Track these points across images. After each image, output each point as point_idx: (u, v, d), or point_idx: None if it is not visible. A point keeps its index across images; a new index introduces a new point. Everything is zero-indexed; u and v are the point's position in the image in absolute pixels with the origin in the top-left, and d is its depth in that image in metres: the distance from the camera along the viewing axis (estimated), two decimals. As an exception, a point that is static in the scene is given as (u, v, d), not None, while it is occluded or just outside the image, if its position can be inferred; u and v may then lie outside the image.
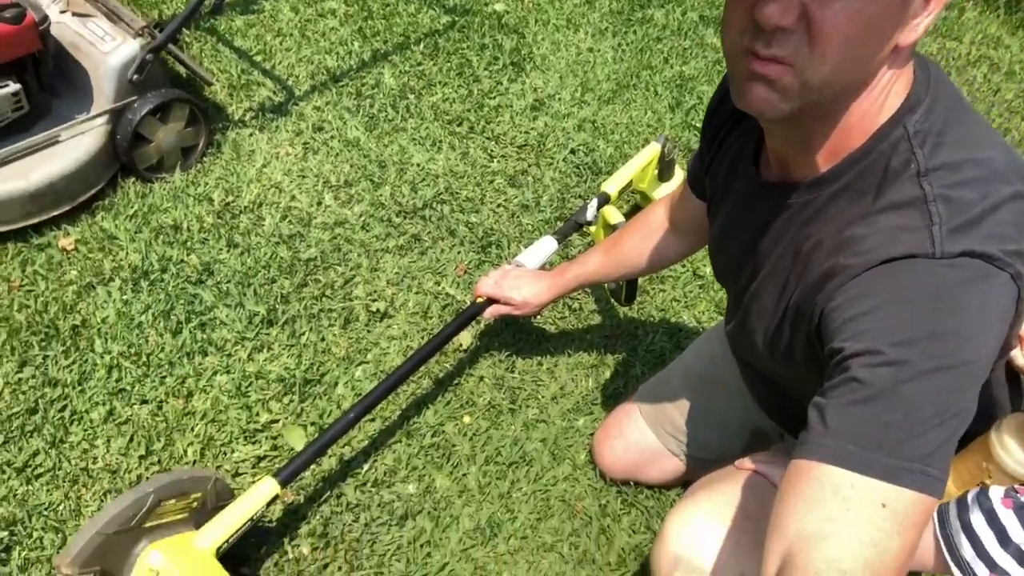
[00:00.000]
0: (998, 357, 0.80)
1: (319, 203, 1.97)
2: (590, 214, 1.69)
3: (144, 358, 1.56)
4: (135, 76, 1.81)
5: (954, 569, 0.76)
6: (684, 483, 1.42)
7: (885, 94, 0.70)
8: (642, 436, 1.37)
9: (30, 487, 1.36)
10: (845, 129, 0.72)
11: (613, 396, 1.59)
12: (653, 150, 1.84)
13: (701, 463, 1.37)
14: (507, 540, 1.36)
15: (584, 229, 1.75)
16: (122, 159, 1.87)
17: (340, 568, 1.31)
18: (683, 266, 1.91)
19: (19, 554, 1.28)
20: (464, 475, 1.44)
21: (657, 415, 1.36)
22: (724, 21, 0.70)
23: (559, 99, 2.42)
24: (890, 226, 0.68)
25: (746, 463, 1.11)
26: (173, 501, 1.10)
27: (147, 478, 1.38)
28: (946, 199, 0.67)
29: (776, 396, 1.07)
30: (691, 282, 1.87)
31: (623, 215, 1.69)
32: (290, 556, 1.32)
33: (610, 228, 1.59)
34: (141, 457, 1.41)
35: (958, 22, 3.08)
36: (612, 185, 1.76)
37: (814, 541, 0.60)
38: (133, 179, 1.92)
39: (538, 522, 1.39)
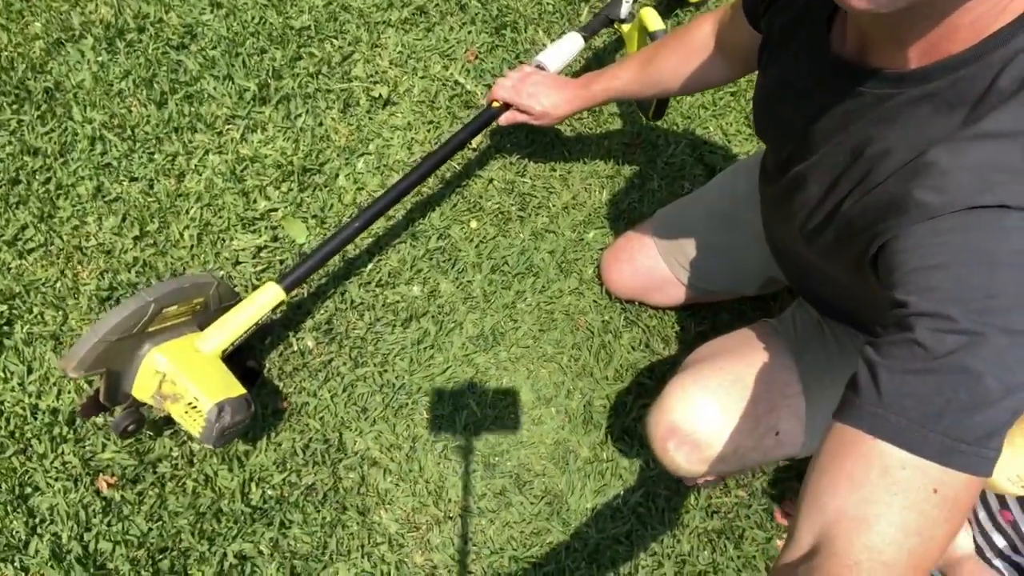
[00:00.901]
0: None
1: (313, -43, 1.74)
2: (624, 10, 1.51)
3: (129, 131, 1.46)
4: None
5: None
6: (690, 307, 1.44)
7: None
8: (653, 263, 1.36)
9: (23, 262, 1.34)
10: (951, 28, 0.60)
11: (627, 210, 1.55)
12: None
13: (710, 295, 1.38)
14: (509, 348, 1.40)
15: (615, 27, 1.57)
16: None
17: (344, 363, 1.35)
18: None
19: (22, 328, 1.29)
20: (469, 282, 1.44)
21: (670, 245, 1.34)
22: None
23: None
24: (982, 163, 0.58)
25: (753, 336, 1.10)
26: (175, 307, 1.09)
27: (146, 267, 1.36)
28: None
29: (802, 275, 1.03)
30: (722, 88, 1.75)
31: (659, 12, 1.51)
32: (295, 348, 1.35)
33: (647, 35, 1.43)
34: (136, 238, 1.38)
35: None
36: (652, -29, 1.56)
37: (856, 525, 0.56)
38: (94, -90, 1.66)
39: (540, 333, 1.42)
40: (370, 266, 1.43)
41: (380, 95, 1.59)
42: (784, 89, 0.84)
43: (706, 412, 1.01)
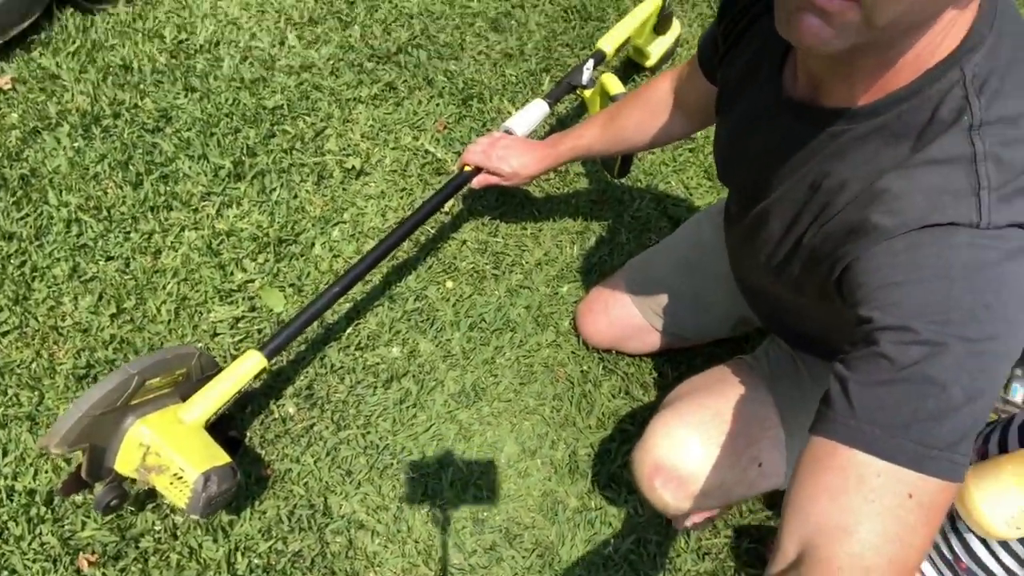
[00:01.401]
0: None
1: (282, 43, 1.84)
2: (585, 76, 1.61)
3: (105, 212, 1.50)
4: None
5: None
6: (666, 352, 1.47)
7: (945, 32, 0.63)
8: (627, 312, 1.40)
9: (-2, 345, 1.34)
10: (893, 65, 0.65)
11: (598, 264, 1.61)
12: (653, 3, 1.74)
13: (685, 340, 1.42)
14: (491, 403, 1.42)
15: (578, 92, 1.67)
16: (56, -15, 1.69)
17: (327, 427, 1.35)
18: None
19: (-4, 412, 1.28)
20: (448, 340, 1.47)
21: (642, 294, 1.39)
22: None
23: (544, -70, 2.23)
24: (932, 185, 0.62)
25: (729, 373, 1.14)
26: (158, 379, 1.10)
27: (123, 343, 1.37)
28: (998, 159, 0.61)
29: (771, 311, 1.08)
30: (681, 145, 1.84)
31: (616, 74, 1.61)
32: (276, 416, 1.35)
33: (608, 99, 1.52)
34: (112, 316, 1.39)
35: None
36: (608, 42, 1.66)
37: (836, 534, 0.59)
38: (72, 11, 1.75)
39: (521, 386, 1.45)
40: (349, 330, 1.45)
41: (353, 166, 1.65)
42: (742, 133, 0.89)
43: (689, 447, 1.03)
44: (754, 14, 0.85)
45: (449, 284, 1.54)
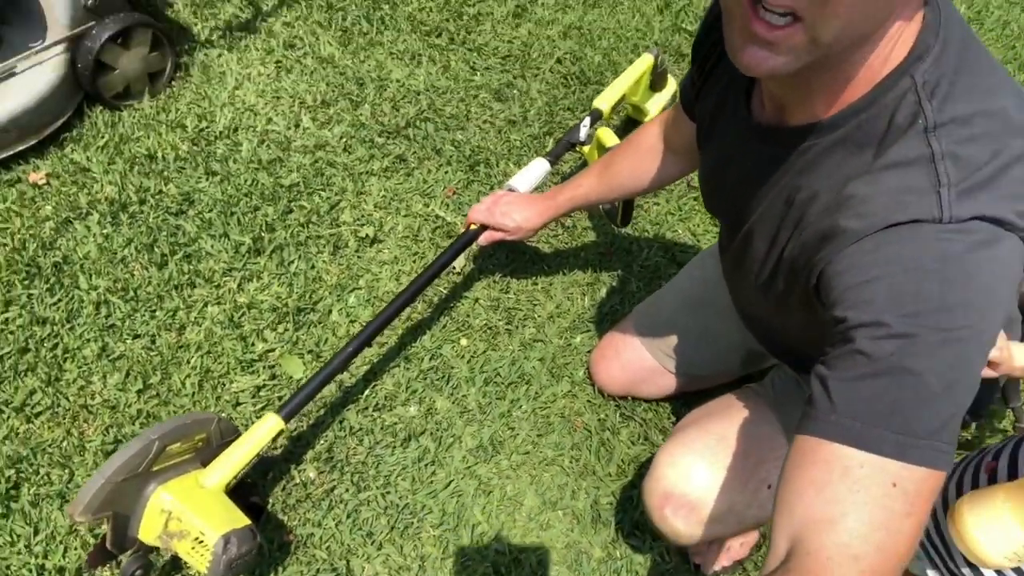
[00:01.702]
0: None
1: (297, 125, 1.94)
2: (583, 134, 1.68)
3: (132, 292, 1.57)
4: (89, 1, 1.74)
5: None
6: (682, 395, 1.47)
7: (892, 43, 0.67)
8: (638, 356, 1.42)
9: (31, 425, 1.39)
10: (848, 79, 0.69)
11: (609, 313, 1.63)
12: (646, 62, 1.81)
13: (697, 379, 1.43)
14: (509, 456, 1.43)
15: (577, 149, 1.74)
16: (86, 88, 1.83)
17: (347, 490, 1.36)
18: (677, 184, 1.91)
19: (28, 490, 1.32)
20: (464, 396, 1.49)
21: (652, 336, 1.41)
22: None
23: (542, 4, 2.36)
24: (894, 187, 0.66)
25: (734, 399, 1.15)
26: (178, 444, 1.14)
27: (149, 417, 1.42)
28: (955, 157, 0.64)
29: (768, 331, 1.10)
30: (686, 194, 1.89)
31: (616, 132, 1.67)
32: (297, 480, 1.37)
33: (605, 151, 1.58)
34: (139, 391, 1.44)
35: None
36: (604, 101, 1.74)
37: (824, 526, 0.60)
38: (100, 108, 1.88)
39: (539, 438, 1.45)
40: (366, 392, 1.48)
41: (367, 235, 1.71)
42: (721, 163, 0.94)
43: (696, 472, 1.04)
44: (721, 51, 0.90)
45: (463, 342, 1.57)
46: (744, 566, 1.32)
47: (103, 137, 1.82)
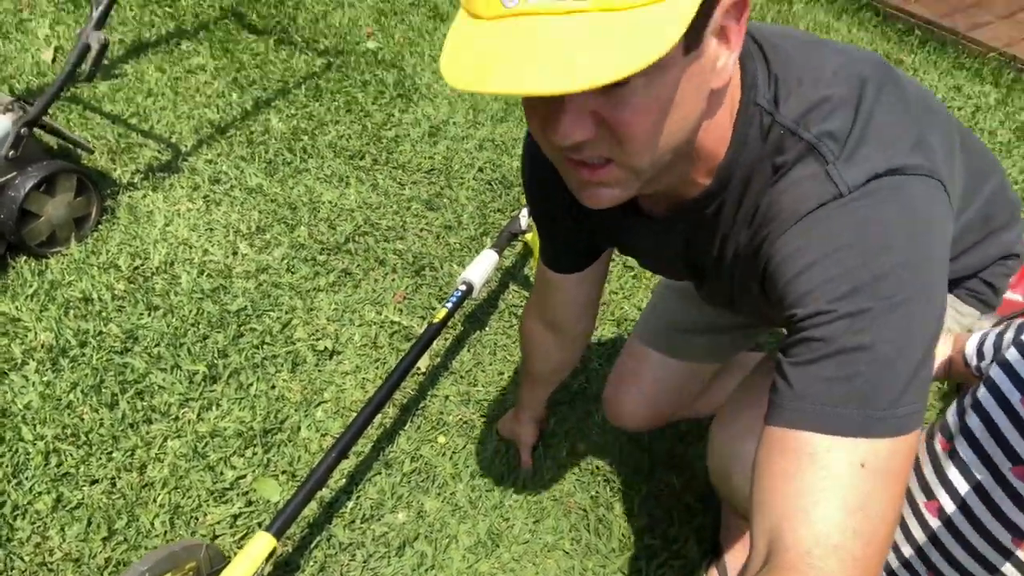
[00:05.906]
0: None
1: (235, 253, 1.97)
2: (523, 223, 1.80)
3: (83, 437, 1.51)
4: (11, 152, 1.76)
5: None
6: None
7: (725, 107, 0.71)
8: (659, 365, 1.37)
9: (-18, 596, 1.28)
10: (705, 154, 0.74)
11: (579, 392, 1.70)
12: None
13: (729, 367, 1.46)
14: (509, 548, 1.43)
15: (520, 238, 1.86)
16: (9, 239, 1.81)
17: (348, 609, 1.32)
18: (614, 263, 2.06)
19: (-15, 670, 1.21)
20: (452, 493, 1.49)
21: (665, 336, 1.37)
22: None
23: (454, 123, 2.54)
24: (792, 183, 0.70)
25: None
26: (169, 574, 1.10)
27: (119, 565, 1.34)
28: (828, 135, 0.69)
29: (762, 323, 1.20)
30: (624, 275, 2.03)
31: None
32: (292, 608, 1.32)
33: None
34: (104, 539, 1.37)
35: (790, 13, 3.48)
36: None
37: (798, 517, 0.59)
38: (24, 257, 1.85)
39: (536, 524, 1.47)
40: (350, 504, 1.46)
41: (325, 347, 1.73)
42: (648, 252, 1.01)
43: (750, 446, 1.05)
44: (567, 198, 0.82)
45: (441, 439, 1.59)
46: None
47: (31, 286, 1.79)
